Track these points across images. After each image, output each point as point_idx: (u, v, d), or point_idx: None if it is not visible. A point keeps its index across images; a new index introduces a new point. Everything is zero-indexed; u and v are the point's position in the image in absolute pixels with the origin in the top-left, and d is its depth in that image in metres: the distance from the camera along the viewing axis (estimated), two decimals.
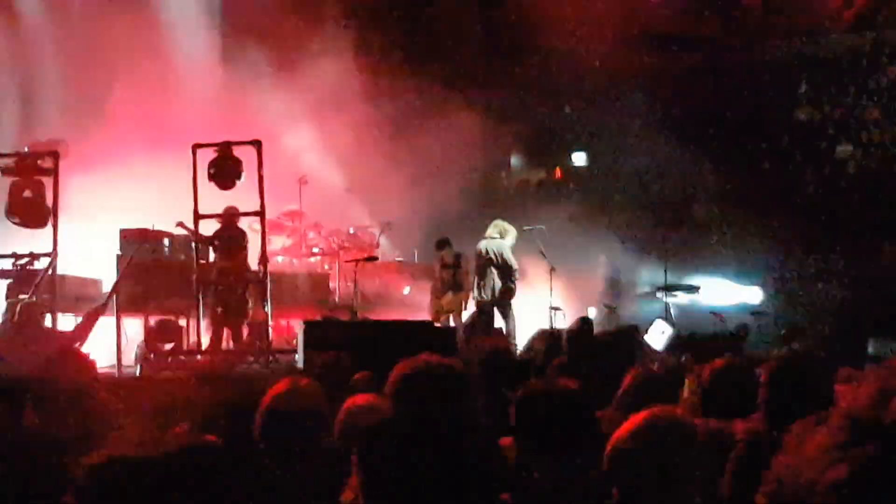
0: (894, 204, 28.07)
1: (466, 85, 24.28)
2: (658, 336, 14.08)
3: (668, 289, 21.41)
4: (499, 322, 16.95)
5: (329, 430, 4.77)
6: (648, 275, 23.47)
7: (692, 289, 23.17)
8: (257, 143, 14.18)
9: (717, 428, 4.79)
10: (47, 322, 13.40)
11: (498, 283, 17.45)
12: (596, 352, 15.68)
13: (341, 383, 7.57)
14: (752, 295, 25.44)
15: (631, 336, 17.10)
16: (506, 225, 18.02)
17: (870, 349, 22.41)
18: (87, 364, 5.24)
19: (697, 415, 5.13)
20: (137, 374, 13.17)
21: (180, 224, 14.73)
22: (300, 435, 4.53)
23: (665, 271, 21.10)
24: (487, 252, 17.70)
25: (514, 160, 26.97)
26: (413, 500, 2.39)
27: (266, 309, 14.13)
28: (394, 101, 22.55)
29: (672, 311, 20.54)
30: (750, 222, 27.66)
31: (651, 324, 15.51)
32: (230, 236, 14.30)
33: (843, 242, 27.77)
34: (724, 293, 25.19)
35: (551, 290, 17.69)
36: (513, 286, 17.46)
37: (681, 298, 22.51)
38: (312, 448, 4.51)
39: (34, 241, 14.10)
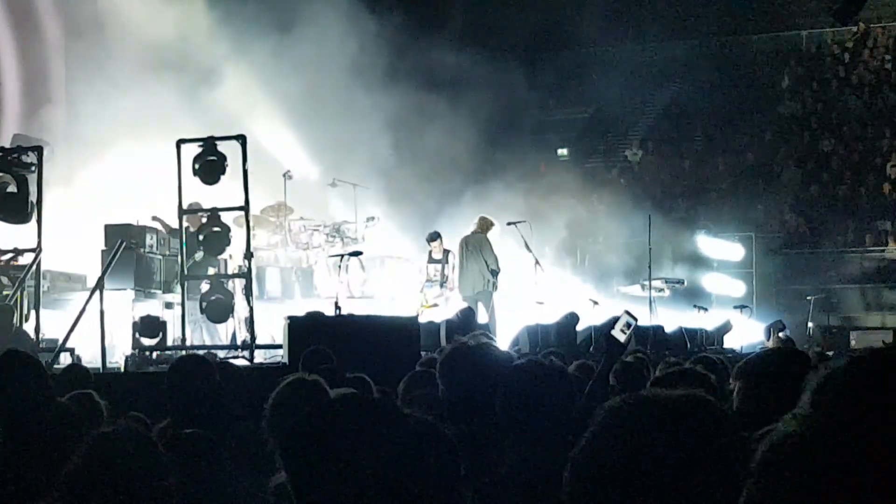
0: (875, 199, 28.21)
1: (453, 78, 24.33)
2: (623, 329, 14.08)
3: (653, 282, 21.47)
4: (482, 316, 16.98)
5: None
6: (633, 268, 23.55)
7: (677, 282, 23.23)
8: (242, 138, 14.14)
9: None
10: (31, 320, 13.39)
11: (480, 278, 17.51)
12: (582, 344, 15.82)
13: (325, 378, 7.60)
14: (736, 289, 25.52)
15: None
16: (489, 219, 18.09)
17: (852, 341, 22.56)
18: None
19: None
20: (122, 369, 13.16)
21: (156, 218, 14.93)
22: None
23: (649, 266, 21.16)
24: (469, 246, 17.77)
25: (501, 155, 26.98)
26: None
27: (250, 303, 14.12)
28: (381, 95, 22.57)
29: (655, 304, 20.61)
30: (734, 215, 27.78)
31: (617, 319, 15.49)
32: (214, 231, 14.28)
33: (827, 236, 27.90)
34: (708, 287, 25.30)
35: (535, 284, 17.74)
36: (494, 279, 17.52)
37: (665, 292, 22.57)
38: None
39: (18, 236, 14.08)
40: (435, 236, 18.44)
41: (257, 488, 4.30)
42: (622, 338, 6.39)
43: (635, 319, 11.92)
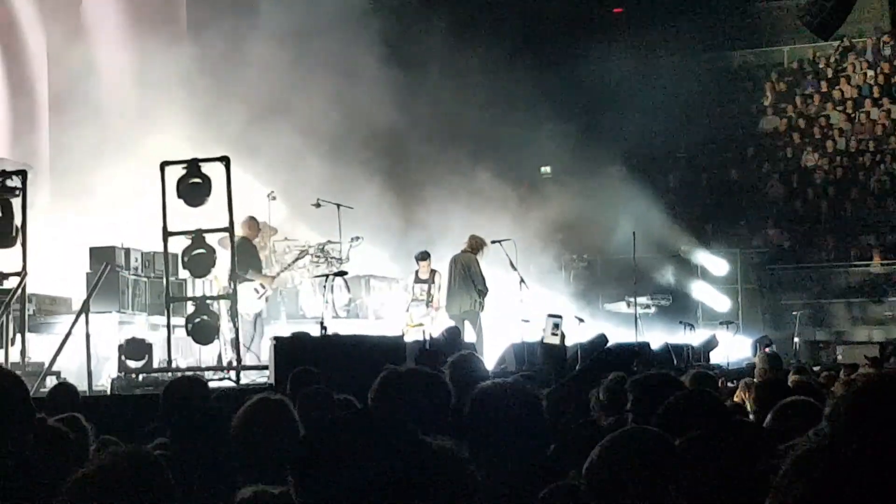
0: (859, 214, 28.30)
1: (435, 97, 24.32)
2: (553, 332, 14.06)
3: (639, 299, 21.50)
4: (470, 335, 16.98)
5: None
6: (619, 285, 23.56)
7: (663, 299, 23.27)
8: (226, 160, 14.12)
9: None
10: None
11: (467, 297, 17.52)
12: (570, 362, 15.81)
13: (312, 398, 7.59)
14: (721, 304, 25.56)
15: (601, 346, 17.23)
16: (480, 239, 18.11)
17: (839, 356, 22.61)
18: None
19: None
20: (108, 391, 13.12)
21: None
22: (271, 449, 4.58)
23: (635, 283, 21.18)
24: (458, 265, 17.79)
25: (485, 173, 26.98)
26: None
27: (236, 325, 14.10)
28: (366, 114, 22.53)
29: (640, 322, 20.64)
30: (718, 231, 27.83)
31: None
32: (199, 253, 14.26)
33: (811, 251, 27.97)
34: (696, 296, 25.38)
35: (521, 302, 17.73)
36: (481, 299, 17.53)
37: (651, 309, 22.60)
38: (283, 462, 4.57)
39: (3, 260, 14.04)
40: (425, 255, 18.44)
41: None
42: (555, 340, 6.44)
43: (560, 318, 11.90)
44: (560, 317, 12.62)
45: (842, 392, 1.78)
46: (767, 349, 19.55)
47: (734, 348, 21.64)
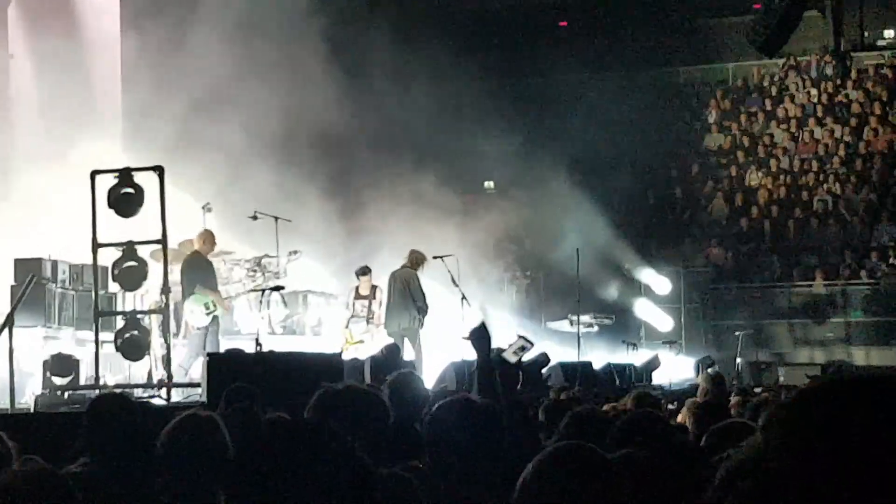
0: (802, 234, 28.33)
1: (380, 103, 24.04)
2: (515, 351, 13.79)
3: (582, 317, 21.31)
4: (409, 353, 16.71)
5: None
6: (562, 303, 23.38)
7: (606, 318, 23.13)
8: (159, 169, 13.76)
9: None
10: None
11: (406, 314, 17.23)
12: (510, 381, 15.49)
13: (246, 415, 7.28)
14: (664, 324, 25.44)
15: (543, 365, 16.94)
16: (420, 254, 17.84)
17: (781, 377, 22.55)
18: None
19: None
20: (32, 409, 12.68)
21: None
22: (199, 466, 4.53)
23: (578, 301, 20.96)
24: (398, 281, 17.51)
25: (429, 182, 26.69)
26: None
27: (167, 341, 13.72)
28: (309, 118, 22.17)
29: (583, 340, 20.45)
30: (661, 250, 27.72)
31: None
32: (130, 265, 13.86)
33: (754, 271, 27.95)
34: (639, 314, 25.29)
35: (462, 319, 17.38)
36: (421, 316, 17.25)
37: (594, 328, 22.45)
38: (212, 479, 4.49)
39: None
40: (365, 271, 18.18)
41: None
42: (513, 359, 6.45)
43: (531, 344, 11.79)
44: (532, 344, 12.51)
45: (776, 403, 1.80)
46: (710, 370, 19.37)
47: (677, 369, 21.48)
